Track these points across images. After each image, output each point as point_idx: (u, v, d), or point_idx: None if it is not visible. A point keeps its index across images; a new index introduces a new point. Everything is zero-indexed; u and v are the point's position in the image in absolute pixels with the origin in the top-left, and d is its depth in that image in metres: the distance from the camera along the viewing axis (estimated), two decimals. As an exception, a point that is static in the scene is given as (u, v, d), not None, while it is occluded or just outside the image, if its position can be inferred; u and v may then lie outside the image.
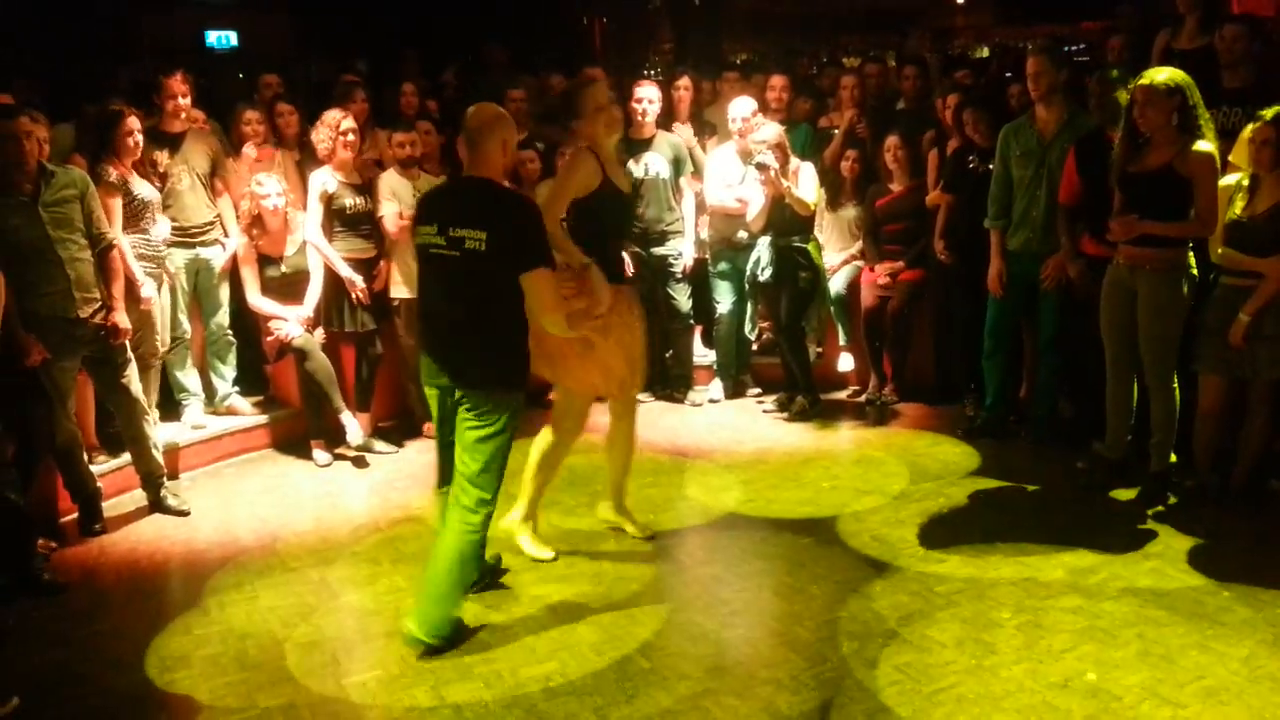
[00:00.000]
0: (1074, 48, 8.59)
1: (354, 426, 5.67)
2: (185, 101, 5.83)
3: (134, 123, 5.28)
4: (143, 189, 5.37)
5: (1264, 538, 4.37)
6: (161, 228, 5.48)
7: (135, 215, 5.33)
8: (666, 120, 6.69)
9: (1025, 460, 5.39)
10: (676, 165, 6.38)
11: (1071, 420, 5.59)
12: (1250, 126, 4.46)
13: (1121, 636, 3.65)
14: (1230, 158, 4.59)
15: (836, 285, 6.51)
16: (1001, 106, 5.88)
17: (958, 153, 5.90)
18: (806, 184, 5.94)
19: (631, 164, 6.31)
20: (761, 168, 5.78)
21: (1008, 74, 7.38)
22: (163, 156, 5.64)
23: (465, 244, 3.60)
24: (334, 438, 5.79)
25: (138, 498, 5.25)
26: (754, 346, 6.88)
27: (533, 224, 3.69)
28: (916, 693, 3.37)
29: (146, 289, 5.25)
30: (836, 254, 6.60)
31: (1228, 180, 4.54)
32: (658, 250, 6.36)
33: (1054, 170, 5.18)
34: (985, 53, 13.22)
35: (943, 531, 4.60)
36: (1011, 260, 5.46)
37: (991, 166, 5.54)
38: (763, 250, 6.08)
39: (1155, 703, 3.26)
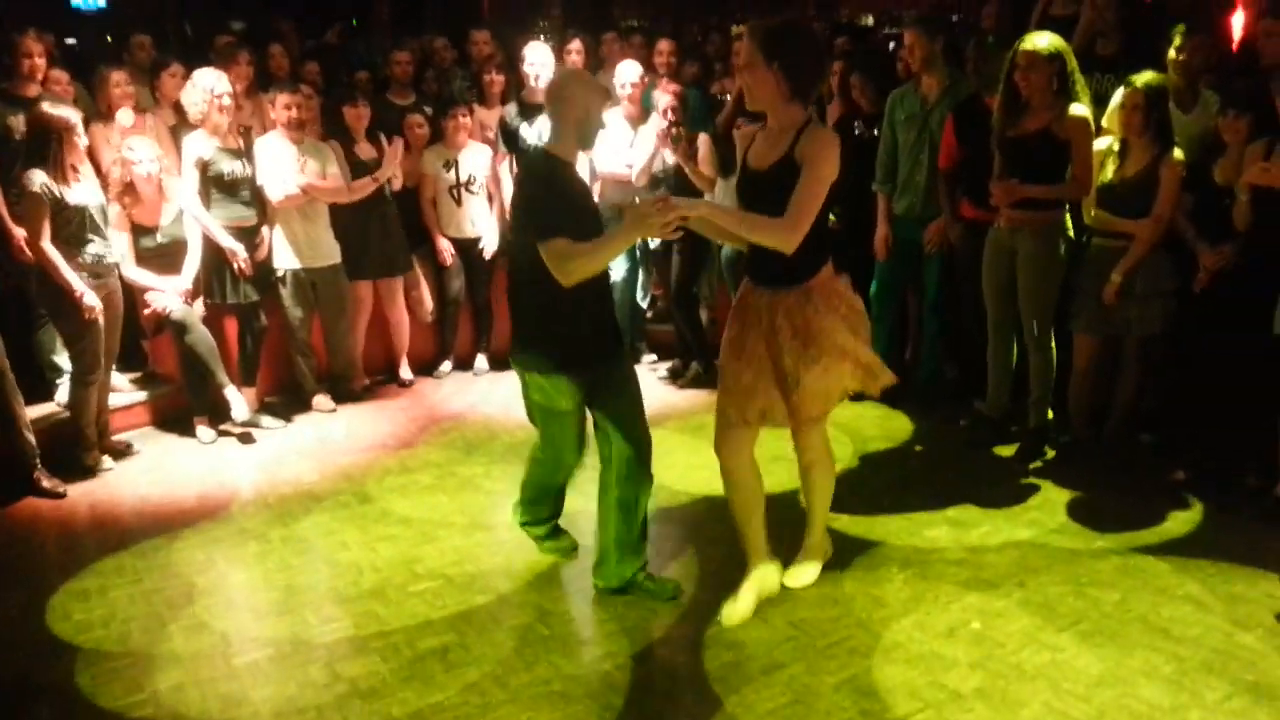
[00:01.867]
0: (956, 16, 8.77)
1: (239, 401, 5.49)
2: (40, 62, 5.52)
3: (79, 127, 4.90)
4: (81, 194, 4.94)
5: (1134, 489, 4.59)
6: (112, 243, 5.13)
7: (68, 225, 4.88)
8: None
9: (911, 420, 5.53)
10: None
11: (955, 380, 5.76)
12: (1121, 91, 4.63)
13: (1003, 587, 3.80)
14: (1103, 123, 4.76)
15: (727, 251, 6.55)
16: (887, 72, 5.98)
17: (843, 119, 5.98)
18: (705, 158, 5.95)
19: (525, 128, 6.25)
20: (675, 140, 5.78)
21: (891, 42, 7.50)
22: (17, 122, 5.33)
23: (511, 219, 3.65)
24: (218, 414, 5.60)
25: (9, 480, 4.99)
26: (647, 314, 6.90)
27: (535, 195, 3.49)
28: (810, 647, 3.45)
29: (88, 298, 4.89)
30: (728, 220, 6.63)
31: (1100, 144, 4.70)
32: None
33: (935, 135, 5.31)
34: (870, 21, 13.39)
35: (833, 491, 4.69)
36: (897, 225, 5.58)
37: (877, 132, 5.63)
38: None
39: (1036, 647, 3.41)
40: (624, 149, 6.21)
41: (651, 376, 6.51)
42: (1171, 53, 4.81)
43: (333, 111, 6.17)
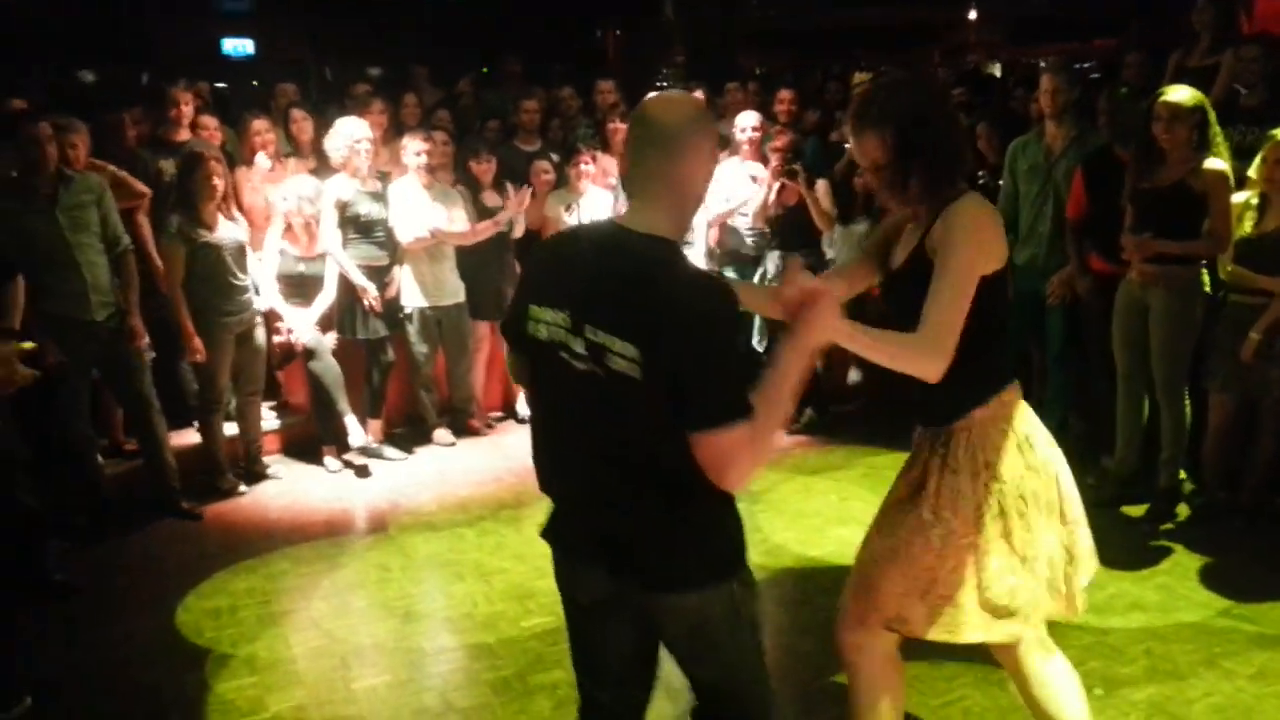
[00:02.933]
0: (1085, 65, 8.63)
1: (357, 430, 5.70)
2: (188, 110, 5.92)
3: (216, 165, 5.25)
4: (218, 234, 5.25)
5: (1272, 556, 4.37)
6: (256, 272, 5.46)
7: (204, 263, 5.20)
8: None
9: (1034, 475, 5.38)
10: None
11: (1081, 436, 5.59)
12: (1266, 145, 4.48)
13: (1129, 653, 3.65)
14: (1250, 173, 4.59)
15: (844, 299, 6.51)
16: (1012, 122, 5.90)
17: (968, 168, 5.92)
18: (824, 199, 6.00)
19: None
20: (792, 174, 5.84)
21: (1019, 88, 7.40)
22: (168, 166, 5.70)
23: (608, 360, 2.00)
24: (344, 443, 5.81)
25: (151, 500, 5.25)
26: (762, 358, 6.91)
27: (721, 339, 2.03)
28: (924, 705, 3.38)
29: (197, 342, 5.20)
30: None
31: (1237, 198, 4.54)
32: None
33: (1060, 186, 5.21)
34: (997, 70, 13.26)
35: (951, 545, 4.60)
36: (1018, 275, 5.47)
37: (1001, 181, 5.56)
38: (770, 263, 6.11)
39: (1163, 719, 3.26)
40: (734, 198, 6.20)
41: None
42: None
43: (462, 160, 6.40)
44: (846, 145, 6.92)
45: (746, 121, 6.30)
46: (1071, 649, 3.65)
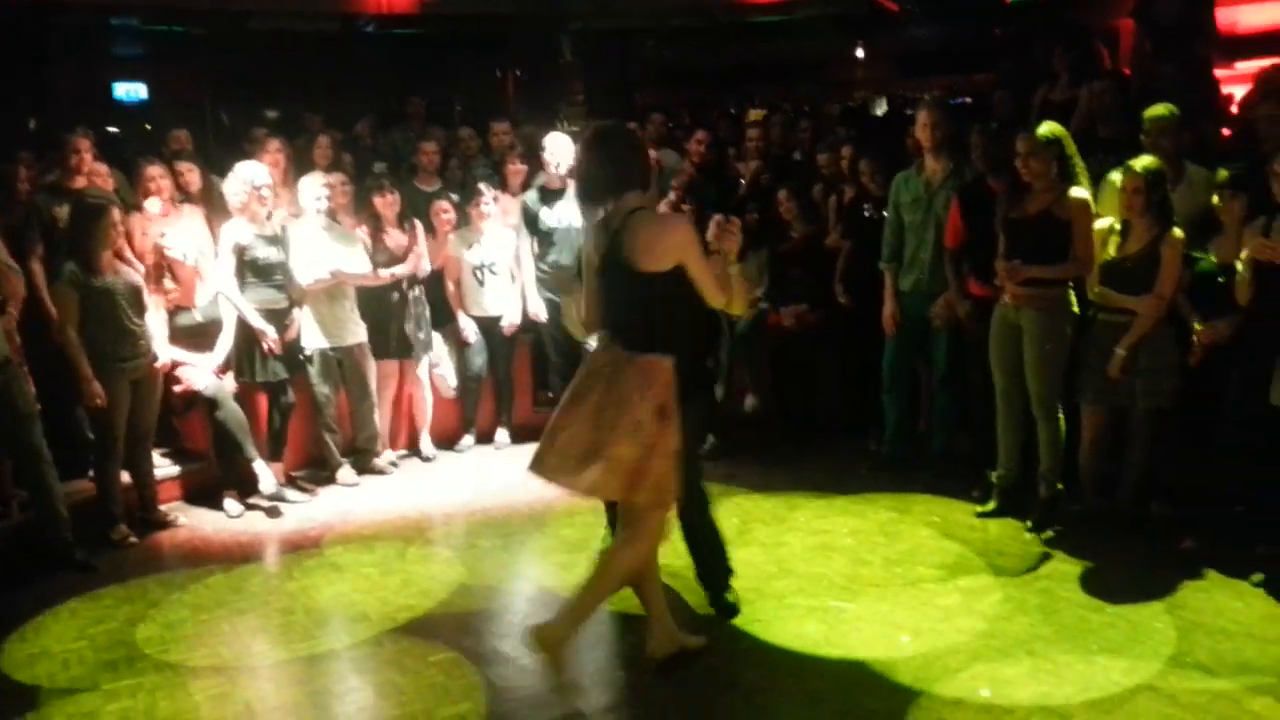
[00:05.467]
0: (959, 100, 9.03)
1: (267, 475, 5.65)
2: (87, 157, 5.85)
3: (117, 214, 5.22)
4: (113, 280, 5.21)
5: (1145, 558, 4.62)
6: (148, 324, 5.40)
7: (99, 309, 5.14)
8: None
9: (923, 490, 5.59)
10: (588, 214, 6.54)
11: (967, 452, 5.83)
12: (1116, 175, 4.78)
13: (1013, 655, 3.84)
14: (1094, 208, 4.87)
15: (742, 325, 6.69)
16: (894, 156, 6.17)
17: (854, 201, 6.18)
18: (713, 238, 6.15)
19: (545, 211, 6.48)
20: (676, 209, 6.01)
21: (908, 122, 7.70)
22: (62, 213, 5.61)
23: None
24: (246, 487, 5.75)
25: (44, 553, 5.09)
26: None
27: None
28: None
29: (95, 387, 5.10)
30: (743, 297, 6.78)
31: (1102, 224, 4.84)
32: (569, 296, 6.48)
33: (940, 216, 5.47)
34: (884, 105, 13.73)
35: (843, 560, 4.77)
36: (905, 300, 5.72)
37: (885, 213, 5.81)
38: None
39: (1044, 715, 3.45)
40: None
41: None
42: (1144, 137, 4.94)
43: (364, 199, 6.43)
44: (741, 180, 7.17)
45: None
46: (959, 653, 3.86)
